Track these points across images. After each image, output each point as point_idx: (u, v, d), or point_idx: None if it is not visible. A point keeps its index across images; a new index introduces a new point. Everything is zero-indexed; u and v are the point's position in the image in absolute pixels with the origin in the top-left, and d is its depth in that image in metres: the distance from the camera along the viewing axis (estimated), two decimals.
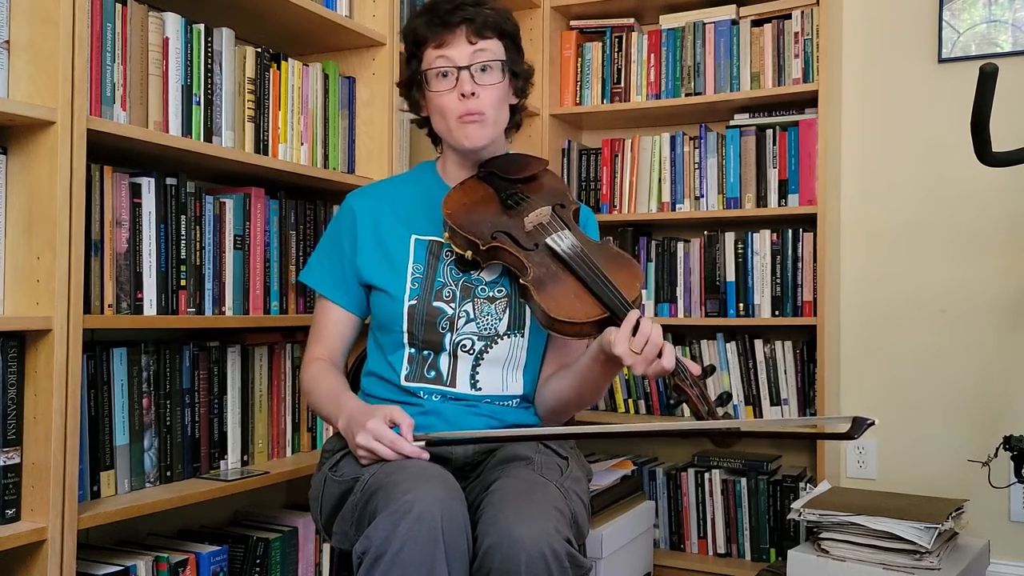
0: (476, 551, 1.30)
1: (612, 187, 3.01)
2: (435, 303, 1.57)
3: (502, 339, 1.58)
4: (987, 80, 2.00)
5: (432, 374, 1.58)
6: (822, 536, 2.27)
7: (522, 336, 1.60)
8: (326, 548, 2.22)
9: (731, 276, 2.84)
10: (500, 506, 1.32)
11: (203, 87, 1.92)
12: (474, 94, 1.55)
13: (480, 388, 1.58)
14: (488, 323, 1.58)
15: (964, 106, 2.17)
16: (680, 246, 2.92)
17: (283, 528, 2.14)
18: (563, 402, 1.62)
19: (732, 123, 2.88)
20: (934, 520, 2.18)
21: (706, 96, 2.85)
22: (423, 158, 2.32)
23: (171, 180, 1.87)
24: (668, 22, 2.95)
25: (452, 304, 1.57)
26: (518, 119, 1.71)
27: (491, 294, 1.59)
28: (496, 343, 1.58)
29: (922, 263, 2.80)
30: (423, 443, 1.42)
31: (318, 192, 2.30)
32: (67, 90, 1.56)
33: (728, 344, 2.85)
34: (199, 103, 1.91)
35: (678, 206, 2.91)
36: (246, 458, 2.10)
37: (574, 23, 3.11)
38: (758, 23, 2.83)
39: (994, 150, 2.12)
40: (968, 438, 2.70)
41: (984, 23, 2.71)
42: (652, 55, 2.95)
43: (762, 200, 2.79)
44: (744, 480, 2.77)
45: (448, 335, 1.56)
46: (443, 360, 1.58)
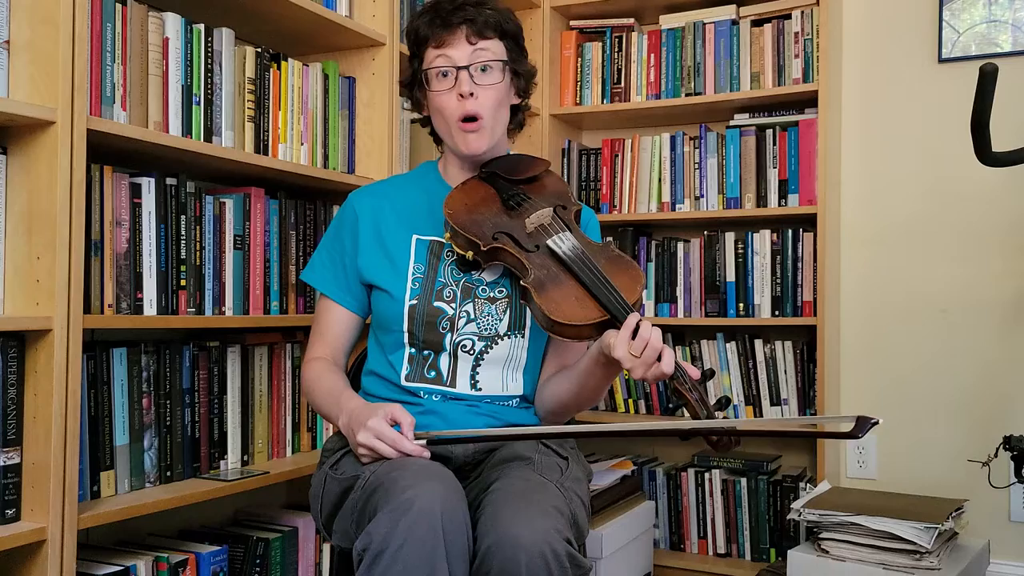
0: (476, 551, 1.30)
1: (612, 187, 3.01)
2: (436, 303, 1.57)
3: (502, 339, 1.58)
4: (987, 80, 2.00)
5: (432, 374, 1.58)
6: (822, 536, 2.27)
7: (522, 336, 1.60)
8: (326, 548, 2.23)
9: (731, 276, 2.83)
10: (500, 506, 1.32)
11: (203, 87, 1.92)
12: (472, 94, 1.56)
13: (480, 388, 1.58)
14: (488, 323, 1.58)
15: (964, 106, 2.17)
16: (680, 246, 2.92)
17: (283, 528, 2.14)
18: (562, 403, 1.62)
19: (732, 123, 2.88)
20: (934, 520, 2.18)
21: (706, 96, 2.85)
22: (423, 158, 2.33)
23: (171, 180, 1.87)
24: (668, 22, 2.95)
25: (453, 304, 1.57)
26: (520, 119, 1.71)
27: (492, 294, 1.59)
28: (496, 343, 1.58)
29: (922, 263, 2.80)
30: (424, 442, 1.42)
31: (318, 192, 2.30)
32: (67, 90, 1.56)
33: (728, 344, 2.85)
34: (199, 103, 1.91)
35: (678, 206, 2.90)
36: (246, 458, 2.10)
37: (574, 23, 3.11)
38: (758, 23, 2.82)
39: (994, 150, 2.12)
40: (968, 438, 2.70)
41: (984, 23, 2.71)
42: (652, 55, 2.95)
43: (762, 200, 2.79)
44: (744, 480, 2.77)
45: (448, 335, 1.56)
46: (443, 360, 1.58)
